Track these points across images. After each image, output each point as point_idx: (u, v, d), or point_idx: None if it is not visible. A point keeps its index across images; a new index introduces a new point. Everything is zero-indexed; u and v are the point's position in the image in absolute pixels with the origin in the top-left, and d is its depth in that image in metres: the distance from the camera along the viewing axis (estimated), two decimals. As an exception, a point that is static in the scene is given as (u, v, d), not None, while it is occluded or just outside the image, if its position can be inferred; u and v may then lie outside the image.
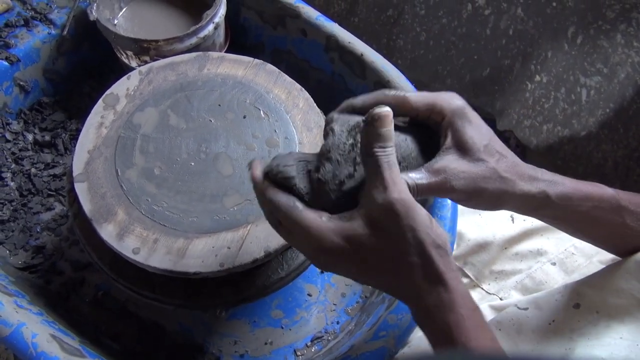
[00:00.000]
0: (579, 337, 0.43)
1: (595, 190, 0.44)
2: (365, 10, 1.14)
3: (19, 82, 0.79)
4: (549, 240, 0.60)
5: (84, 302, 0.68)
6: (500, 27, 1.00)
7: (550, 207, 0.42)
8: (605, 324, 0.43)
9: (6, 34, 0.78)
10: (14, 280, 0.62)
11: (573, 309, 0.46)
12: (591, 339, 0.42)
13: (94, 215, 0.52)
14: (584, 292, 0.46)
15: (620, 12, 0.85)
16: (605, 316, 0.43)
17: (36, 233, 0.72)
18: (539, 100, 1.02)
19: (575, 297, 0.46)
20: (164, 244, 0.51)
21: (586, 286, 0.47)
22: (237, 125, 0.58)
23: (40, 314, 0.56)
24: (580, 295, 0.46)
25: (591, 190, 0.43)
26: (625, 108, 0.90)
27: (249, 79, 0.61)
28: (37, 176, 0.76)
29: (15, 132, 0.79)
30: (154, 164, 0.55)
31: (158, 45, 0.72)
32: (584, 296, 0.46)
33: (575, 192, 0.43)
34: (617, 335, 0.42)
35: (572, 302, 0.46)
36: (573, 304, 0.46)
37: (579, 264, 0.57)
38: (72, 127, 0.81)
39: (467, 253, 0.63)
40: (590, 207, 0.43)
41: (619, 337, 0.41)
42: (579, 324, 0.44)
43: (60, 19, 0.81)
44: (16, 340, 0.50)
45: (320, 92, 0.64)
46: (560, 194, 0.42)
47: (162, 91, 0.59)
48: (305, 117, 0.59)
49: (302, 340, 0.68)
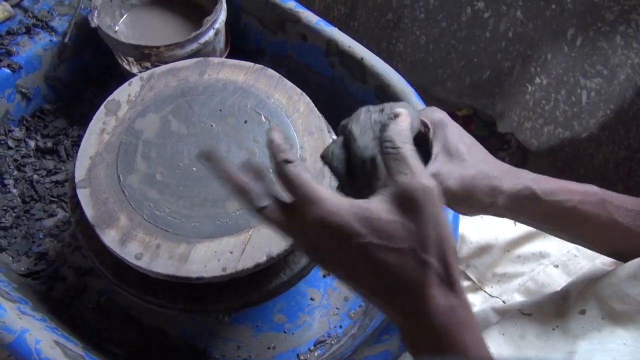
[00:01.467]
0: (581, 341, 0.43)
1: (579, 186, 0.46)
2: (365, 14, 1.14)
3: (21, 89, 0.79)
4: (552, 242, 0.60)
5: (86, 308, 0.68)
6: (500, 30, 1.00)
7: (537, 203, 0.44)
8: (609, 330, 0.43)
9: (8, 41, 0.78)
10: (17, 287, 0.62)
11: (579, 315, 0.45)
12: (594, 343, 0.42)
13: (96, 221, 0.52)
14: (589, 298, 0.46)
15: (620, 14, 0.85)
16: (611, 322, 0.43)
17: (39, 239, 0.72)
18: (539, 103, 1.02)
19: (581, 303, 0.46)
20: (167, 249, 0.51)
21: (592, 292, 0.46)
22: (238, 130, 0.58)
23: (44, 320, 0.56)
24: (586, 301, 0.46)
25: (574, 186, 0.45)
26: (626, 109, 0.90)
27: (250, 84, 0.61)
28: (40, 183, 0.76)
29: (18, 139, 0.79)
30: (156, 169, 0.55)
31: (159, 52, 0.72)
32: (589, 302, 0.46)
33: (559, 188, 0.44)
34: (620, 341, 0.41)
35: (578, 308, 0.46)
36: (579, 310, 0.45)
37: (581, 266, 0.57)
38: (74, 133, 0.82)
39: (469, 256, 0.63)
40: (576, 202, 0.44)
41: (623, 343, 0.41)
42: (583, 330, 0.44)
43: (61, 26, 0.81)
44: (20, 347, 0.50)
45: (320, 97, 0.64)
46: (545, 190, 0.44)
47: (164, 97, 0.60)
48: (306, 122, 0.59)
49: (305, 344, 0.68)
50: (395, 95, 0.70)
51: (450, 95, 1.15)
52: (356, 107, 0.80)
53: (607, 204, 0.45)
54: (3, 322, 0.51)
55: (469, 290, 0.62)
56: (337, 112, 0.72)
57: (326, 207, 0.34)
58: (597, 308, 0.45)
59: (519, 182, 0.44)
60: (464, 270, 0.63)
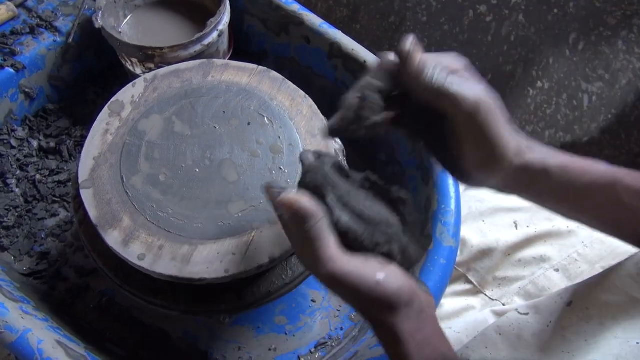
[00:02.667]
0: (572, 335, 0.43)
1: (591, 164, 0.43)
2: (368, 17, 1.15)
3: (25, 89, 0.79)
4: (552, 246, 0.60)
5: (88, 308, 0.68)
6: (502, 34, 1.00)
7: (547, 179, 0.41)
8: (598, 322, 0.43)
9: (12, 41, 0.79)
10: (19, 287, 0.63)
11: (567, 307, 0.46)
12: (589, 341, 0.42)
13: (99, 221, 0.52)
14: (576, 291, 0.46)
15: (622, 19, 0.85)
16: (597, 313, 0.43)
17: (41, 239, 0.73)
18: (540, 106, 1.02)
19: (569, 296, 0.46)
20: (169, 250, 0.51)
21: (582, 286, 0.46)
22: (241, 132, 0.58)
23: (46, 320, 0.56)
24: (573, 294, 0.46)
25: (587, 165, 0.43)
26: (627, 114, 0.90)
27: (253, 86, 0.61)
28: (42, 182, 0.76)
29: (21, 138, 0.80)
30: (159, 170, 0.55)
31: (163, 53, 0.72)
32: (575, 294, 0.46)
33: (572, 164, 0.42)
34: (611, 335, 0.41)
35: (566, 301, 0.46)
36: (567, 302, 0.46)
37: (582, 270, 0.58)
38: (76, 133, 0.82)
39: (470, 259, 0.63)
40: (587, 182, 0.42)
41: (614, 337, 0.41)
42: (571, 322, 0.44)
43: (65, 27, 0.82)
44: (22, 347, 0.50)
45: (323, 99, 0.65)
46: (560, 164, 0.41)
47: (167, 98, 0.60)
48: (309, 124, 0.60)
49: (306, 346, 0.68)
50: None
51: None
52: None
53: (618, 184, 0.42)
54: (5, 321, 0.51)
55: (469, 293, 0.62)
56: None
57: None
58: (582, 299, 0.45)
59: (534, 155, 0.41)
60: (465, 273, 0.63)
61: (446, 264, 0.58)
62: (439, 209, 0.61)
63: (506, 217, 0.64)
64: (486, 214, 0.65)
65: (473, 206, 0.67)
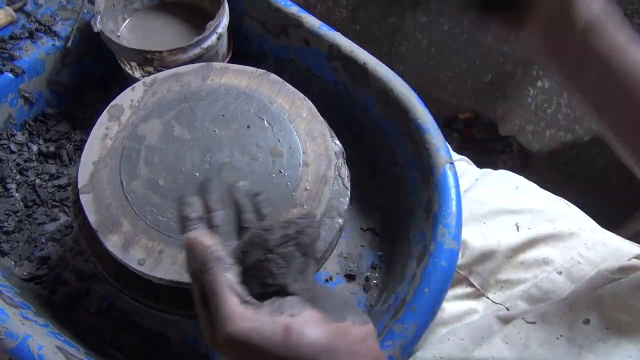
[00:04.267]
0: (587, 353, 0.43)
1: None
2: (367, 18, 1.14)
3: (24, 94, 0.79)
4: (554, 249, 0.60)
5: (88, 312, 0.68)
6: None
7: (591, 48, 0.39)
8: (615, 342, 0.43)
9: (11, 46, 0.78)
10: (20, 292, 0.62)
11: (582, 324, 0.45)
12: (599, 356, 0.42)
13: (99, 226, 0.52)
14: (593, 308, 0.46)
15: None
16: (615, 333, 0.43)
17: (41, 244, 0.73)
18: (541, 106, 1.02)
19: (585, 312, 0.46)
20: (170, 255, 0.51)
21: (596, 302, 0.46)
22: (241, 135, 0.58)
23: (46, 325, 0.56)
24: (589, 310, 0.46)
25: None
26: (628, 113, 0.90)
27: (253, 89, 0.61)
28: (42, 187, 0.76)
29: (20, 143, 0.79)
30: (159, 174, 0.55)
31: (162, 56, 0.72)
32: (593, 312, 0.45)
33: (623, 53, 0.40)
34: (626, 354, 0.41)
35: (582, 317, 0.45)
36: (583, 319, 0.45)
37: (585, 272, 0.57)
38: (76, 137, 0.82)
39: (472, 262, 0.62)
40: (623, 74, 0.40)
41: (628, 356, 0.41)
42: (589, 340, 0.44)
43: (64, 31, 0.81)
44: (22, 353, 0.50)
45: (323, 101, 0.64)
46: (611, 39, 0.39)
47: (166, 102, 0.60)
48: (309, 126, 0.59)
49: (307, 349, 0.68)
50: (398, 99, 0.70)
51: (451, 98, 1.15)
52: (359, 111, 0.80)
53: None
54: (6, 327, 0.51)
55: (471, 296, 0.62)
56: (339, 117, 0.73)
57: None
58: (601, 318, 0.44)
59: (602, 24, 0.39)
60: (466, 276, 0.63)
61: (447, 266, 0.58)
62: (439, 210, 0.61)
63: (507, 219, 0.64)
64: (487, 216, 0.65)
65: (474, 208, 0.66)
